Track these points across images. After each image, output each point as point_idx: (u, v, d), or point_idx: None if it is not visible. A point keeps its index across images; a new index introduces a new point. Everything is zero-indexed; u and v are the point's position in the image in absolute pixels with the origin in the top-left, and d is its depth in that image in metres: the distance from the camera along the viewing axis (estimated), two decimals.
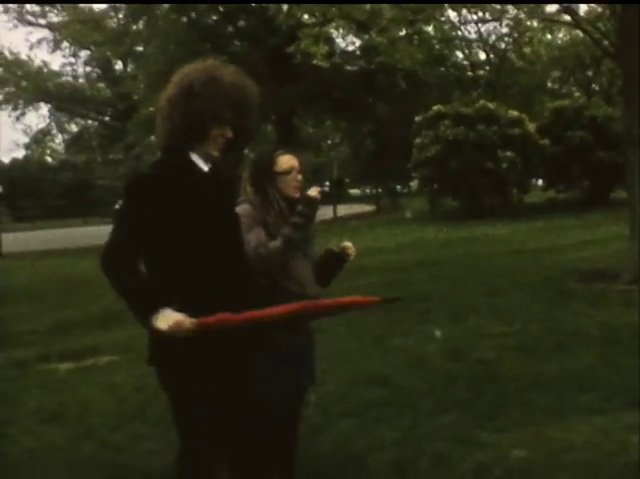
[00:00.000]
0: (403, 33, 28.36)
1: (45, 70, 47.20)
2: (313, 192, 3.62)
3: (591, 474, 4.21)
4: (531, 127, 27.83)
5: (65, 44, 44.93)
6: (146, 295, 3.00)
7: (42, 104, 48.36)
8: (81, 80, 50.79)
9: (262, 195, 3.69)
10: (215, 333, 2.98)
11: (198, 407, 3.12)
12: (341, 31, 36.52)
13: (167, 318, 2.92)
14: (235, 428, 3.28)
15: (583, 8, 36.11)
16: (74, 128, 62.23)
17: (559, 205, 28.70)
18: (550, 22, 38.03)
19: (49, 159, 70.25)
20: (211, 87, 3.09)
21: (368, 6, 22.59)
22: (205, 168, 3.18)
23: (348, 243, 3.92)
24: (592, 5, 35.33)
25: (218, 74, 3.16)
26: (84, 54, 47.75)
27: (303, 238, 3.61)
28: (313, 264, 3.85)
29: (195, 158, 3.15)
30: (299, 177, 3.74)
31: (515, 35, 42.78)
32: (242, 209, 3.64)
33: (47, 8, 41.13)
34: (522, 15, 37.35)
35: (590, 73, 46.19)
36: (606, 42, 14.60)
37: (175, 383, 3.13)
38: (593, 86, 47.08)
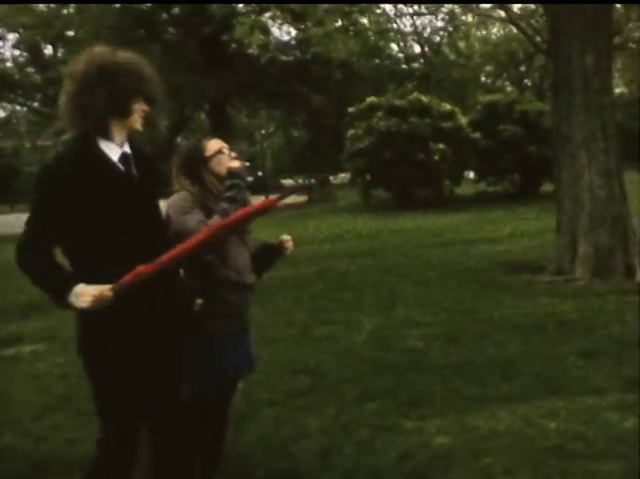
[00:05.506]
0: (338, 24, 28.38)
1: None
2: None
3: (512, 459, 4.29)
4: (464, 120, 28.11)
5: None
6: (58, 278, 3.03)
7: None
8: (9, 64, 49.59)
9: (198, 181, 3.75)
10: (135, 291, 3.01)
11: (121, 391, 3.17)
12: (277, 21, 36.39)
13: (86, 293, 2.95)
14: (161, 410, 3.32)
15: (517, 4, 36.71)
16: (1, 113, 60.83)
17: (490, 197, 29.10)
18: (485, 17, 38.56)
19: None
20: (124, 64, 3.16)
21: None
22: (114, 156, 3.17)
23: (287, 237, 4.01)
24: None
25: (120, 53, 3.23)
26: (12, 37, 46.62)
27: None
28: (249, 254, 3.88)
29: (104, 145, 3.16)
30: (232, 154, 3.78)
31: (450, 29, 43.19)
32: (179, 195, 3.72)
33: None
34: (457, 9, 37.77)
35: (523, 68, 47.00)
36: (539, 38, 14.84)
37: (98, 366, 3.17)
38: (525, 81, 47.93)
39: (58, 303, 3.05)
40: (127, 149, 3.22)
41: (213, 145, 3.81)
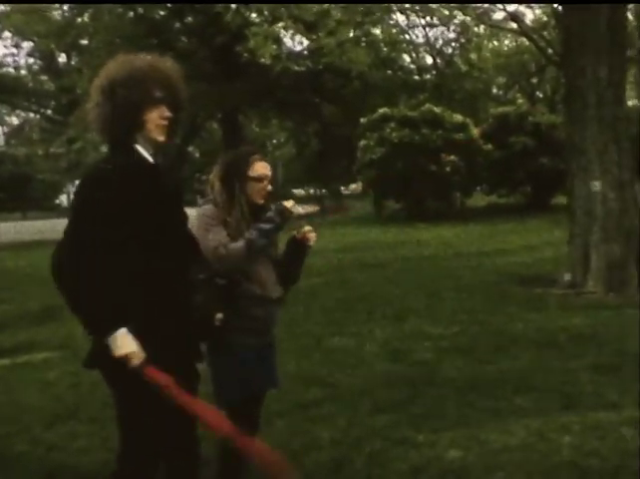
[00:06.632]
0: (351, 35, 28.45)
1: None
2: (289, 203, 3.65)
3: (525, 474, 4.26)
4: (475, 132, 28.10)
5: (7, 34, 44.12)
6: (106, 311, 2.99)
7: None
8: (23, 71, 49.91)
9: (229, 195, 3.69)
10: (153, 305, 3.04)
11: (149, 405, 3.09)
12: (289, 31, 36.50)
13: (123, 345, 2.94)
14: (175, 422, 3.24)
15: (529, 16, 36.79)
16: (15, 120, 61.23)
17: (501, 209, 29.05)
18: (497, 29, 38.67)
19: None
20: (132, 73, 3.13)
21: (316, 7, 22.67)
22: (150, 159, 3.19)
23: (308, 227, 3.90)
24: (538, 14, 36.08)
25: (136, 60, 3.21)
26: (26, 45, 46.89)
27: (267, 245, 3.62)
28: (277, 264, 3.87)
29: (140, 149, 3.16)
30: (269, 187, 3.74)
31: (462, 40, 43.22)
32: (205, 209, 3.69)
33: None
34: (470, 21, 37.87)
35: (535, 80, 46.94)
36: (550, 50, 14.90)
37: (123, 380, 3.09)
38: (537, 93, 47.87)
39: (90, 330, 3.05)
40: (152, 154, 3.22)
41: (261, 168, 3.73)
